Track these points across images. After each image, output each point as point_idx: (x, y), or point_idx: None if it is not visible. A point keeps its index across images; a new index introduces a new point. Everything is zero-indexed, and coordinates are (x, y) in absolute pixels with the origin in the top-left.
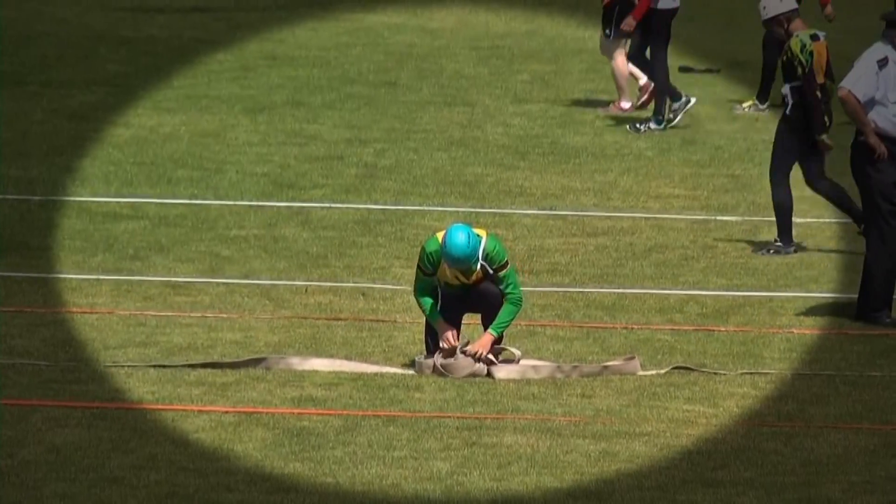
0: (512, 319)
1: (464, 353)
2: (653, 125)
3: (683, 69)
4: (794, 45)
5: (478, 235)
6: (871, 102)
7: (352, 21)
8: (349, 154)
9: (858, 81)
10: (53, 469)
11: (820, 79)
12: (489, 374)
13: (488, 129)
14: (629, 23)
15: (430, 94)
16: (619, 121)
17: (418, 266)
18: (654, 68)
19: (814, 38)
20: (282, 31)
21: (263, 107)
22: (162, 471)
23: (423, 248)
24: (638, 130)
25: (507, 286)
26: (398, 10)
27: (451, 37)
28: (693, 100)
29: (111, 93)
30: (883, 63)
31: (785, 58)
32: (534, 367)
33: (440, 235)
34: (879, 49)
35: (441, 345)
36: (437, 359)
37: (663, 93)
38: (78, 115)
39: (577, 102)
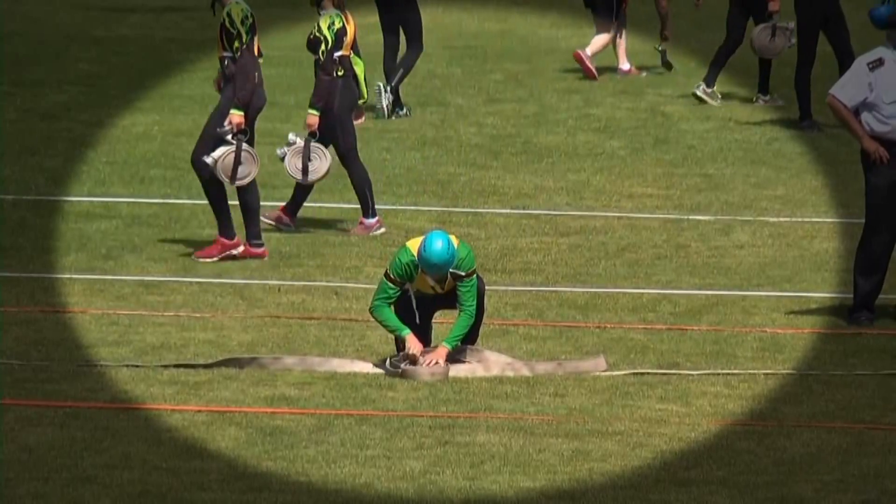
0: (465, 331)
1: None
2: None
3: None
4: None
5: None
6: (865, 105)
7: None
8: None
9: (844, 86)
10: (26, 468)
11: None
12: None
13: (461, 128)
14: None
15: (403, 94)
16: (593, 120)
17: (387, 276)
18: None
19: None
20: None
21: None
22: (135, 470)
23: (396, 258)
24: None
25: (465, 296)
26: (371, 9)
27: (424, 36)
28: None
29: (84, 92)
30: (876, 64)
31: None
32: (483, 365)
33: (412, 245)
34: (877, 51)
35: (408, 351)
36: (402, 364)
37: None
38: (50, 114)
39: (550, 102)
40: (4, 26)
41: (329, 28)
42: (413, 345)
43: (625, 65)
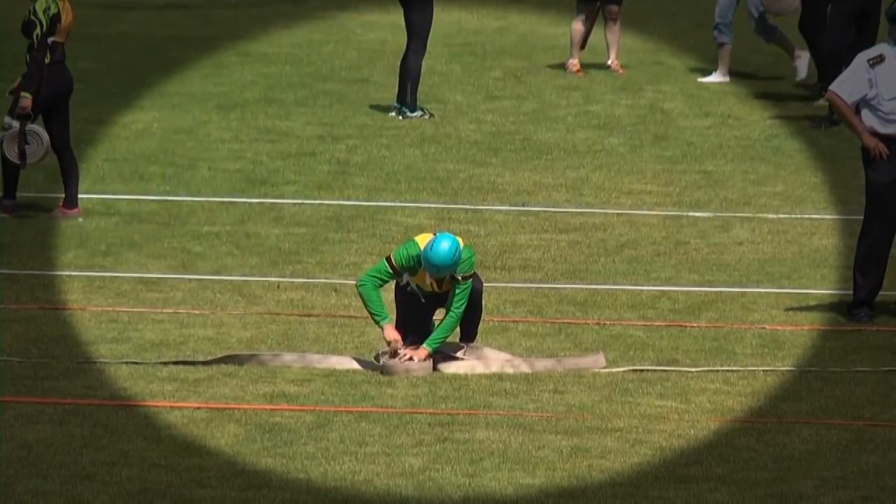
0: (448, 334)
1: (398, 354)
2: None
3: None
4: None
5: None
6: (865, 101)
7: (324, 18)
8: (321, 150)
9: (844, 83)
10: (25, 466)
11: None
12: (436, 370)
13: (460, 125)
14: None
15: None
16: (592, 117)
17: (388, 260)
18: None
19: None
20: (254, 28)
21: (236, 103)
22: (134, 467)
23: (404, 248)
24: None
25: (455, 299)
26: (371, 7)
27: None
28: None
29: (83, 89)
30: (876, 61)
31: None
32: (483, 362)
33: (421, 240)
34: (878, 48)
35: (389, 344)
36: (383, 357)
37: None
38: None
39: (550, 99)
40: (4, 25)
41: (45, 12)
42: (390, 334)
43: (612, 60)
